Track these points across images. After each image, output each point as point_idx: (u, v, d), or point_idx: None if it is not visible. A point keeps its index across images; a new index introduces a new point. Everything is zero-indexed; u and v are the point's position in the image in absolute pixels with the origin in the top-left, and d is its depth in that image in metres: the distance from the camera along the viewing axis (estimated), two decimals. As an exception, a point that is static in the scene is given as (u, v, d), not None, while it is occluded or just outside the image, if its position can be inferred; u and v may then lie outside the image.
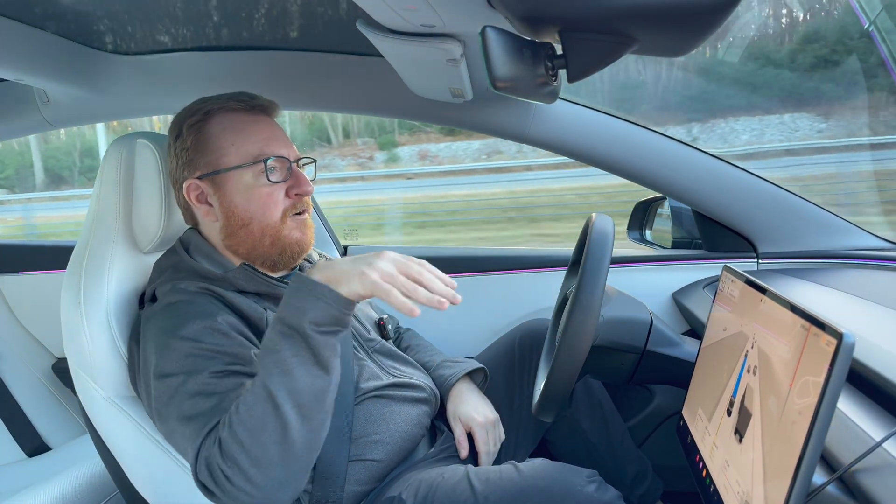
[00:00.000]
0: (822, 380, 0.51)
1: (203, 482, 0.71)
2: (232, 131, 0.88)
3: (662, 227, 1.51)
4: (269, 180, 0.87)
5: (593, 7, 0.55)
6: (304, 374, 0.70)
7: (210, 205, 0.90)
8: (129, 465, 0.88)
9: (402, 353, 1.09)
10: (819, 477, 0.57)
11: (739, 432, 0.66)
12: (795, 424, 0.53)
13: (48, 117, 1.39)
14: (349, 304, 0.72)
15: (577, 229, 1.03)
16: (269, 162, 0.87)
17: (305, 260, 1.02)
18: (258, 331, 0.86)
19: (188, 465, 0.85)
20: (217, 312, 0.82)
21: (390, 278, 0.70)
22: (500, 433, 1.05)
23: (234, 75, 1.28)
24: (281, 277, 0.93)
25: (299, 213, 0.92)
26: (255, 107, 0.91)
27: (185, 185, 0.89)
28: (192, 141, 0.88)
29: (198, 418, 0.74)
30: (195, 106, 0.90)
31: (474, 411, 1.02)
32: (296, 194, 0.90)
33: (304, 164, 0.95)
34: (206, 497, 0.73)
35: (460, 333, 1.45)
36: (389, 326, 1.12)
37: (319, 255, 1.10)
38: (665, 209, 1.47)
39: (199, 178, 0.88)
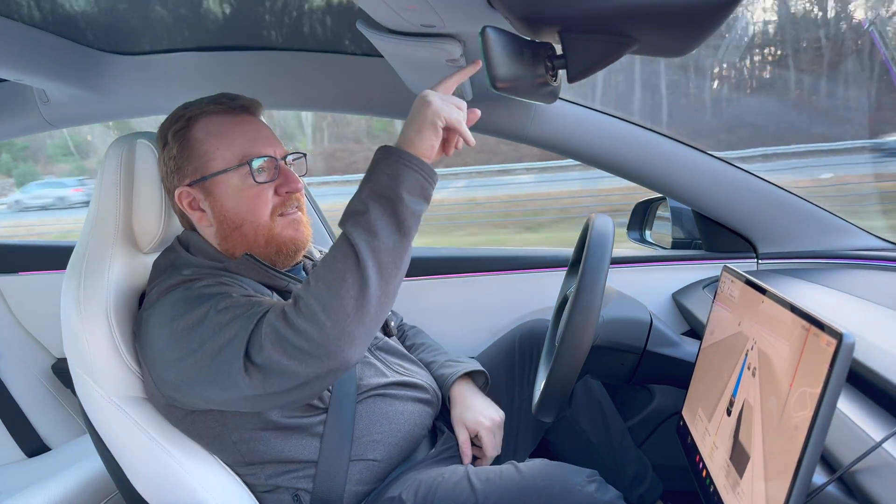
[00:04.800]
0: (818, 391, 0.51)
1: (257, 363, 0.72)
2: (215, 135, 0.88)
3: (662, 227, 1.51)
4: (255, 181, 0.87)
5: (593, 7, 0.55)
6: (388, 236, 0.72)
7: (203, 210, 0.89)
8: (129, 465, 0.88)
9: (405, 351, 1.08)
10: (819, 477, 0.57)
11: (737, 470, 0.66)
12: (796, 428, 0.53)
13: (48, 117, 1.39)
14: (433, 173, 0.76)
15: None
16: (254, 163, 0.87)
17: (306, 257, 1.02)
18: None
19: (188, 466, 0.86)
20: (233, 282, 0.83)
21: (450, 110, 0.76)
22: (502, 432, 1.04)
23: (233, 75, 1.27)
24: (285, 271, 0.93)
25: (291, 211, 0.91)
26: (237, 107, 0.90)
27: (176, 193, 0.89)
28: (177, 149, 0.88)
29: (242, 317, 0.75)
30: (178, 113, 0.90)
31: (481, 415, 1.00)
32: (285, 192, 0.90)
33: (294, 160, 0.95)
34: (248, 385, 0.73)
35: (460, 333, 1.45)
36: (392, 323, 1.11)
37: (320, 252, 1.09)
38: (665, 209, 1.47)
39: (188, 185, 0.88)
